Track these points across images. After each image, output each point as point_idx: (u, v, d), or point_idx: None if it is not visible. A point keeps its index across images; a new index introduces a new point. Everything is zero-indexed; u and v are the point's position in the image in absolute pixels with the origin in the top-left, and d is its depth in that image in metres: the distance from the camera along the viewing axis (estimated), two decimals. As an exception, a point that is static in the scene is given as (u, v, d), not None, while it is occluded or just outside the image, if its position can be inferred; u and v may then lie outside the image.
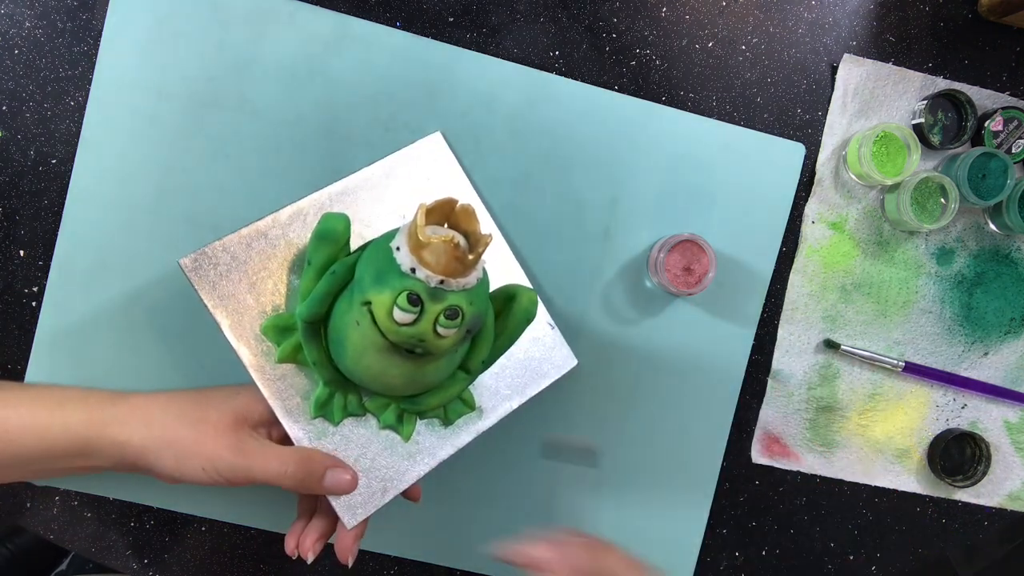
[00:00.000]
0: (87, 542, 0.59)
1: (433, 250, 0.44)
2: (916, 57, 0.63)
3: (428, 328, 0.44)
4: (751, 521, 0.64)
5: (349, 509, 0.51)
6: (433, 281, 0.44)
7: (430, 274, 0.44)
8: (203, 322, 0.56)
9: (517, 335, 0.53)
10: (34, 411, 0.49)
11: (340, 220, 0.49)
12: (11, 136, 0.57)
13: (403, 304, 0.43)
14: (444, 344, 0.45)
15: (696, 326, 0.62)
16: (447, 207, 0.45)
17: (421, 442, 0.54)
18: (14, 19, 0.57)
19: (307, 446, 0.51)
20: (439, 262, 0.44)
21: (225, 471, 0.48)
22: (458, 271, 0.44)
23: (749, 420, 0.63)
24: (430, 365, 0.48)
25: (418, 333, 0.44)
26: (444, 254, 0.43)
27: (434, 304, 0.44)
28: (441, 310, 0.44)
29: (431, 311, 0.44)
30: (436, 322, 0.44)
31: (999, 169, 0.61)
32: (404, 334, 0.44)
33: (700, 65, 0.62)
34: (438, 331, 0.44)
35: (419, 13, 0.59)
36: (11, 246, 0.57)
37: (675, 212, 0.62)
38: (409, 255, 0.44)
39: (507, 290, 0.53)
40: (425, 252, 0.44)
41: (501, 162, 0.60)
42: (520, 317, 0.52)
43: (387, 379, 0.49)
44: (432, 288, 0.44)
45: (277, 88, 0.58)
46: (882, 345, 0.64)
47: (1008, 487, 0.66)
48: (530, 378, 0.57)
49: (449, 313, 0.44)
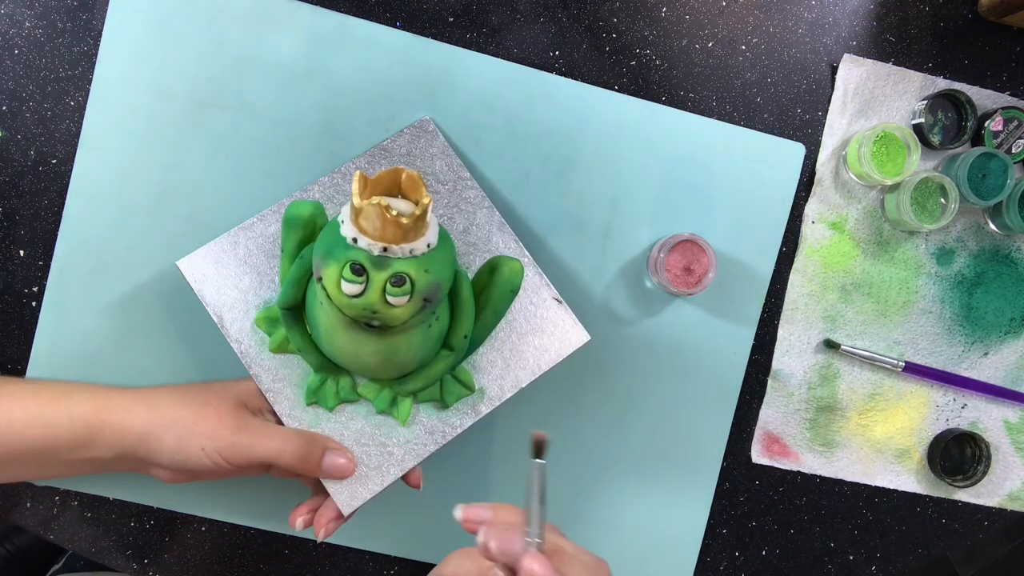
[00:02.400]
0: (87, 542, 0.59)
1: (367, 215, 0.43)
2: (916, 57, 0.63)
3: (377, 298, 0.43)
4: (751, 521, 0.64)
5: (347, 494, 0.52)
6: (376, 249, 0.43)
7: (371, 242, 0.43)
8: (203, 321, 0.57)
9: (503, 308, 0.53)
10: (39, 403, 0.50)
11: (305, 206, 0.50)
12: (11, 136, 0.57)
13: (347, 275, 0.43)
14: (398, 314, 0.44)
15: (696, 326, 0.62)
16: (394, 176, 0.45)
17: (421, 426, 0.54)
18: (14, 19, 0.57)
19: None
20: (375, 228, 0.43)
21: (225, 449, 0.49)
22: (398, 236, 0.43)
23: (749, 420, 0.63)
24: (400, 342, 0.48)
25: (368, 304, 0.44)
26: (378, 218, 0.42)
27: (379, 272, 0.43)
28: (387, 278, 0.43)
29: (376, 280, 0.43)
30: (384, 291, 0.43)
31: (999, 169, 0.61)
32: (355, 306, 0.44)
33: (700, 65, 0.62)
34: (388, 300, 0.44)
35: (419, 13, 0.59)
36: (11, 246, 0.57)
37: (675, 212, 0.62)
38: (351, 226, 0.44)
39: (490, 263, 0.52)
40: (362, 220, 0.43)
41: (501, 162, 0.60)
42: (503, 288, 0.52)
43: (362, 358, 0.49)
44: (376, 256, 0.43)
45: (277, 88, 0.58)
46: (882, 345, 0.64)
47: (1008, 487, 0.66)
48: (538, 356, 0.55)
49: (395, 280, 0.43)
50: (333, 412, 0.53)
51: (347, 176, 0.55)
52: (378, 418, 0.53)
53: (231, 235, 0.53)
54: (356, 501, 0.52)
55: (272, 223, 0.54)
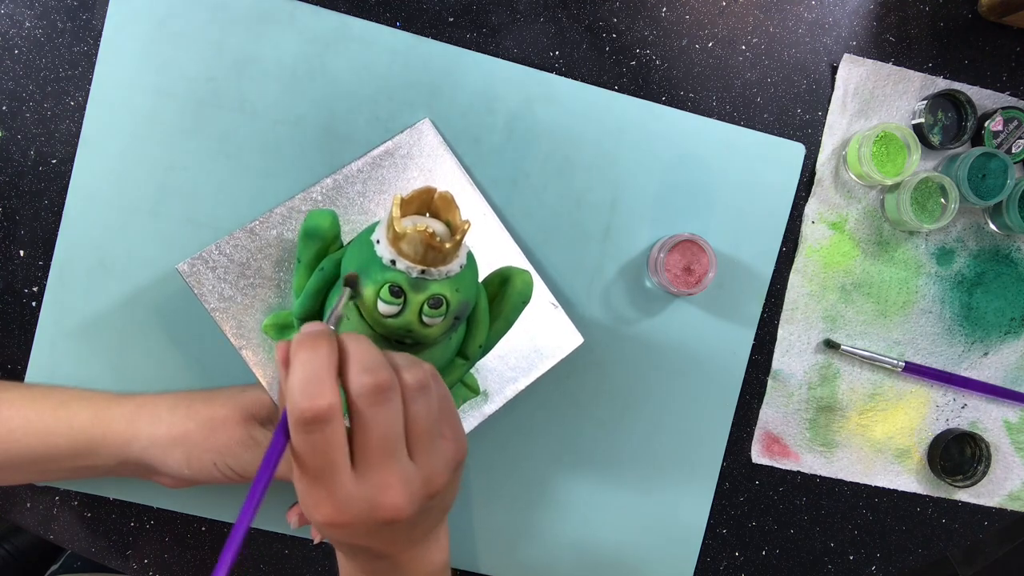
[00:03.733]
0: (86, 542, 0.59)
1: (410, 241, 0.43)
2: (916, 57, 0.63)
3: (414, 318, 0.44)
4: (751, 521, 0.64)
5: None
6: (414, 272, 0.44)
7: (410, 265, 0.43)
8: (204, 322, 0.57)
9: (514, 318, 0.53)
10: (38, 411, 0.48)
11: (325, 216, 0.50)
12: (11, 136, 0.57)
13: (386, 297, 0.43)
14: (432, 333, 0.45)
15: (696, 326, 0.62)
16: (426, 196, 0.45)
17: None
18: (14, 19, 0.57)
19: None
20: (417, 252, 0.43)
21: (236, 466, 0.48)
22: (438, 260, 0.44)
23: (749, 420, 0.63)
24: (423, 354, 0.49)
25: (404, 324, 0.44)
26: (421, 243, 0.43)
27: (417, 294, 0.44)
28: (424, 300, 0.44)
29: (414, 301, 0.44)
30: (421, 312, 0.44)
31: (999, 169, 0.61)
32: (391, 326, 0.44)
33: (700, 65, 0.62)
34: (424, 320, 0.44)
35: (419, 13, 0.59)
36: (11, 246, 0.57)
37: (675, 212, 0.62)
38: (388, 247, 0.44)
39: (501, 273, 0.53)
40: (403, 243, 0.44)
41: (501, 162, 0.60)
42: (515, 300, 0.52)
43: None
44: (414, 279, 0.44)
45: (277, 88, 0.58)
46: (882, 345, 0.64)
47: (1008, 487, 0.66)
48: (536, 359, 0.57)
49: (433, 302, 0.44)
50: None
51: (348, 179, 0.55)
52: None
53: (232, 238, 0.53)
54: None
55: (274, 226, 0.54)
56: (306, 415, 0.32)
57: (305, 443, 0.33)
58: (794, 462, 0.64)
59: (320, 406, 0.32)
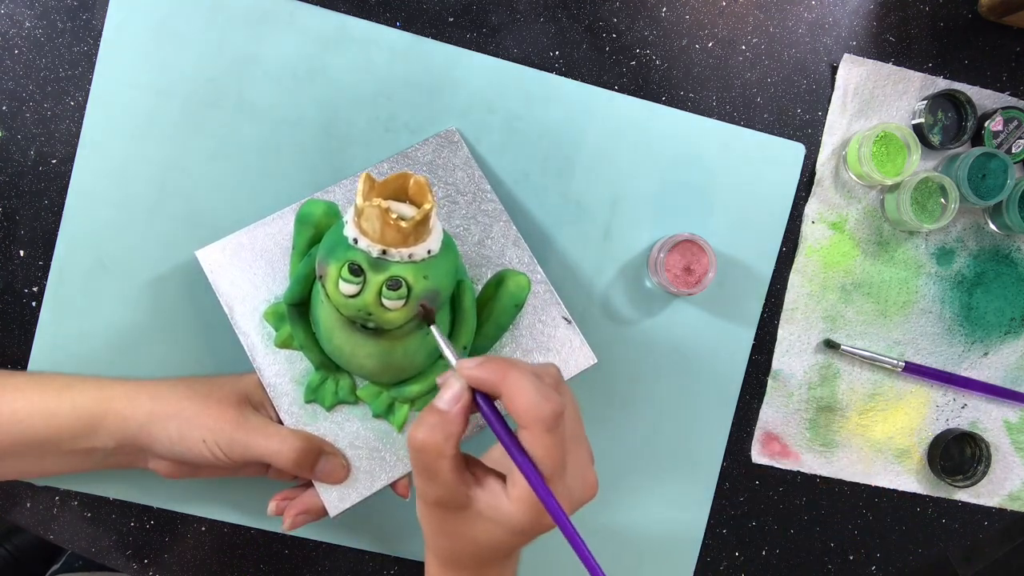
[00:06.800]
0: (87, 542, 0.59)
1: (367, 217, 0.43)
2: (916, 57, 0.63)
3: (372, 299, 0.44)
4: (751, 521, 0.64)
5: (335, 496, 0.52)
6: (375, 251, 0.43)
7: (371, 244, 0.43)
8: (203, 322, 0.57)
9: (506, 321, 0.53)
10: (43, 394, 0.50)
11: (319, 204, 0.51)
12: (11, 136, 0.57)
13: (345, 275, 0.43)
14: (392, 318, 0.45)
15: (696, 326, 0.62)
16: (402, 181, 0.45)
17: None
18: (14, 19, 0.57)
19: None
20: (375, 230, 0.43)
21: (225, 444, 0.49)
22: (398, 240, 0.43)
23: (749, 420, 0.63)
24: (397, 346, 0.48)
25: (363, 305, 0.44)
26: (378, 220, 0.43)
27: (376, 274, 0.43)
28: (383, 280, 0.43)
29: (373, 282, 0.43)
30: (380, 293, 0.44)
31: (999, 169, 0.61)
32: (351, 307, 0.44)
33: (700, 65, 0.62)
34: (383, 303, 0.44)
35: (419, 13, 0.59)
36: (11, 246, 0.57)
37: (675, 212, 0.62)
38: (353, 227, 0.44)
39: (498, 275, 0.53)
40: (362, 221, 0.44)
41: (501, 162, 0.60)
42: (507, 302, 0.52)
43: (359, 359, 0.49)
44: (374, 258, 0.44)
45: (277, 88, 0.58)
46: (882, 345, 0.64)
47: (1008, 487, 0.66)
48: None
49: (391, 284, 0.43)
50: (330, 412, 0.53)
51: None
52: (375, 422, 0.53)
53: (250, 230, 0.54)
54: (343, 504, 0.52)
55: (291, 221, 0.54)
56: (557, 411, 0.38)
57: (552, 439, 0.38)
58: (794, 462, 0.64)
59: (560, 405, 0.38)
